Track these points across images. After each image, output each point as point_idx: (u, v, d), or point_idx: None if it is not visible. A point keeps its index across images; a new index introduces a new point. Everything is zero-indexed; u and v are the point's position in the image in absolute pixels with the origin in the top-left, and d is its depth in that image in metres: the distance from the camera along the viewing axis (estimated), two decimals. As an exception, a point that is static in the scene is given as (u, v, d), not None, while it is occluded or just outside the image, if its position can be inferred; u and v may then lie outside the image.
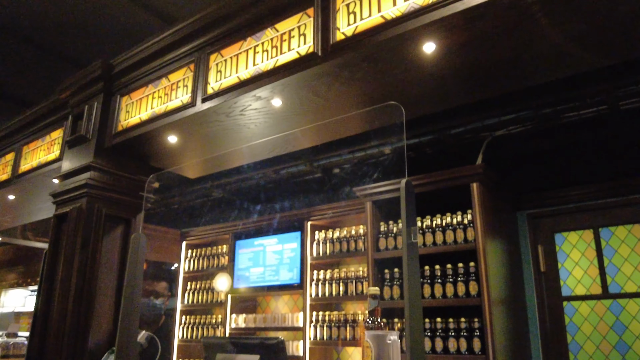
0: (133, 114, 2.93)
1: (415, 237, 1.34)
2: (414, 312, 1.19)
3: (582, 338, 3.77)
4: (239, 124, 2.70)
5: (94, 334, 2.60)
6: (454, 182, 3.61)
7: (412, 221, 1.35)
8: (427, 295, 3.58)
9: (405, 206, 1.34)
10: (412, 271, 1.25)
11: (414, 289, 1.22)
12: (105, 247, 2.76)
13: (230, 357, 2.12)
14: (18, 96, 4.77)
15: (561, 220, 3.99)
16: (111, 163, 2.96)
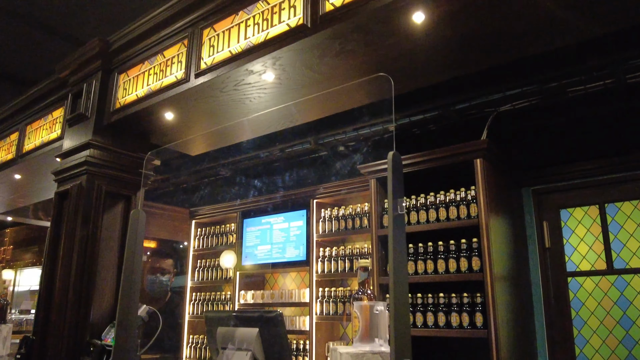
0: (130, 91, 2.95)
1: (401, 210, 1.34)
2: (399, 284, 1.21)
3: (586, 313, 3.78)
4: (234, 99, 2.70)
5: (96, 308, 2.67)
6: (457, 159, 3.59)
7: (398, 193, 1.35)
8: (430, 271, 3.61)
9: (392, 178, 1.35)
10: (397, 243, 1.26)
11: (400, 261, 1.24)
12: (106, 223, 2.81)
13: (231, 330, 2.17)
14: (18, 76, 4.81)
15: (567, 196, 3.97)
16: (111, 140, 2.99)
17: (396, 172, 1.34)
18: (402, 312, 1.18)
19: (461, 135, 3.79)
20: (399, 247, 1.25)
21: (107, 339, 2.46)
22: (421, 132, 4.27)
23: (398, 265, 1.23)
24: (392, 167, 1.34)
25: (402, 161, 1.43)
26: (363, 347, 1.32)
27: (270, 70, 2.43)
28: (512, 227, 3.84)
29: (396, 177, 1.34)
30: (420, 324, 3.56)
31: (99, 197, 2.78)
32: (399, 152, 1.40)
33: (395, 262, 1.23)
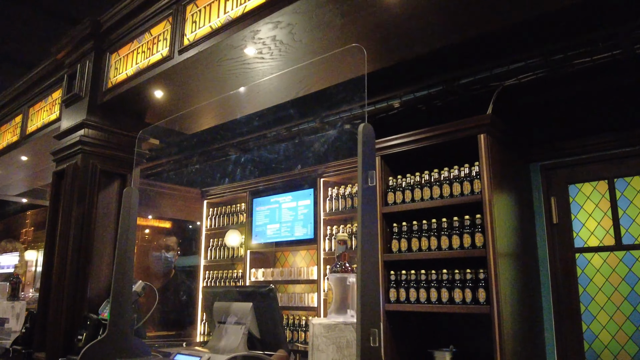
0: (121, 70, 2.98)
1: (372, 182, 1.34)
2: (367, 255, 1.21)
3: (593, 289, 3.74)
4: (219, 75, 2.69)
5: (93, 285, 2.76)
6: (461, 134, 3.55)
7: (369, 165, 1.35)
8: (434, 248, 3.61)
9: (362, 149, 1.34)
10: (367, 215, 1.26)
11: (368, 233, 1.24)
12: (101, 202, 2.88)
13: (227, 305, 2.22)
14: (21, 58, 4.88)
15: (575, 171, 3.89)
16: (105, 120, 3.04)
17: (367, 145, 1.34)
18: (369, 283, 1.19)
19: (468, 111, 3.72)
20: (368, 219, 1.26)
21: (104, 313, 2.55)
22: (427, 108, 4.22)
23: (367, 237, 1.24)
24: (361, 138, 1.33)
25: (374, 134, 1.43)
26: (336, 318, 1.34)
27: (250, 44, 2.42)
28: (519, 203, 3.80)
29: (367, 149, 1.34)
30: (424, 299, 3.58)
31: (94, 176, 2.84)
32: (371, 125, 1.40)
33: (364, 233, 1.24)
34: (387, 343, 3.69)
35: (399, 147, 3.91)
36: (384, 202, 3.96)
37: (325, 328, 1.29)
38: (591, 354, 3.67)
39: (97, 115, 3.03)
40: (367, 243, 1.24)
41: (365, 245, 1.23)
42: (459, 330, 3.91)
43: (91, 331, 2.45)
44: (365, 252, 1.22)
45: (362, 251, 1.22)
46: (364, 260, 1.22)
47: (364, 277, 1.20)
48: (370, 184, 1.32)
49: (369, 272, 1.21)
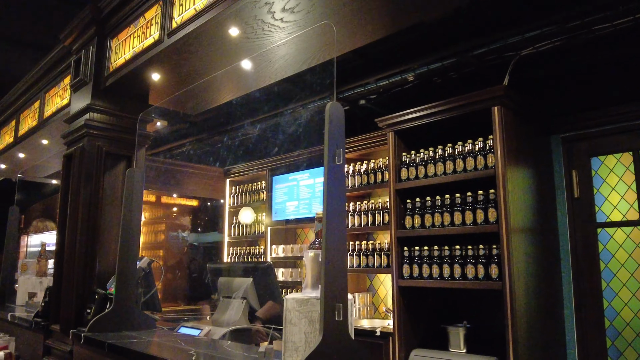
0: (120, 54, 3.03)
1: (339, 160, 1.33)
2: (332, 231, 1.21)
3: (615, 265, 3.62)
4: (209, 57, 2.68)
5: (102, 261, 2.88)
6: (474, 107, 3.45)
7: (337, 143, 1.33)
8: (447, 223, 3.56)
9: (329, 128, 1.33)
10: (333, 193, 1.25)
11: (334, 210, 1.23)
12: (108, 182, 2.97)
13: (229, 280, 2.28)
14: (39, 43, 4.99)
15: (598, 143, 3.74)
16: (109, 104, 3.11)
17: (335, 124, 1.32)
18: (334, 259, 1.19)
19: (484, 83, 3.60)
20: (334, 197, 1.25)
21: (111, 288, 2.65)
22: (442, 81, 4.11)
23: (332, 213, 1.23)
24: (329, 118, 1.32)
25: (343, 112, 1.40)
26: (310, 293, 1.35)
27: (233, 25, 2.40)
28: (538, 178, 3.69)
29: (334, 128, 1.32)
30: (437, 275, 3.56)
31: (100, 158, 2.94)
32: (339, 103, 1.37)
33: (330, 211, 1.23)
34: (400, 318, 3.70)
35: (411, 122, 3.84)
36: (397, 178, 3.92)
37: (298, 302, 1.31)
38: (612, 331, 3.57)
39: (101, 99, 3.11)
40: (333, 220, 1.23)
41: (331, 222, 1.23)
42: (473, 306, 3.88)
43: (99, 305, 2.57)
44: (330, 229, 1.22)
45: (327, 228, 1.22)
46: (329, 236, 1.22)
47: (329, 253, 1.20)
48: (337, 163, 1.31)
49: (333, 248, 1.20)
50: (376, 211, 4.52)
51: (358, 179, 4.70)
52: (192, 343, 1.98)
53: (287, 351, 1.26)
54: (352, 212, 4.69)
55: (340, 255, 1.23)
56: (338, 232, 1.24)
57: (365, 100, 4.58)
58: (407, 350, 3.65)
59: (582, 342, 3.64)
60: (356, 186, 4.70)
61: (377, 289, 4.88)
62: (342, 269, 1.21)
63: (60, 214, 3.09)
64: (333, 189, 1.28)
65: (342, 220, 1.30)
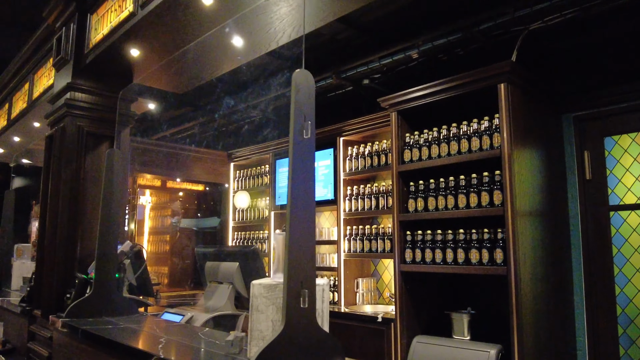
0: (99, 30, 2.92)
1: (307, 134, 1.21)
2: (297, 212, 1.10)
3: (629, 250, 3.46)
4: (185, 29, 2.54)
5: (84, 245, 2.80)
6: (480, 84, 3.28)
7: (305, 115, 1.21)
8: (451, 207, 3.43)
9: (295, 98, 1.20)
10: (298, 170, 1.14)
11: (301, 189, 1.12)
12: (90, 164, 2.88)
13: (216, 265, 2.19)
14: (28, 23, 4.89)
15: (611, 122, 3.55)
16: (91, 82, 3.01)
17: (302, 93, 1.20)
18: (299, 241, 1.08)
19: (492, 61, 3.43)
20: (301, 174, 1.14)
21: (92, 272, 2.59)
22: (448, 59, 3.94)
23: (298, 192, 1.12)
24: (295, 87, 1.19)
25: (313, 82, 1.27)
26: (279, 278, 1.25)
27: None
28: (548, 158, 3.52)
29: (302, 98, 1.20)
30: (440, 260, 3.44)
31: (81, 139, 2.84)
32: (308, 71, 1.25)
33: (295, 189, 1.12)
34: (402, 304, 3.59)
35: (415, 101, 3.69)
36: (400, 160, 3.78)
37: (265, 288, 1.21)
38: (624, 318, 3.43)
39: (83, 77, 3.01)
40: (299, 199, 1.12)
41: (296, 202, 1.11)
42: (478, 292, 3.76)
43: (79, 290, 2.51)
44: (296, 209, 1.11)
45: (292, 207, 1.11)
46: (294, 216, 1.11)
47: (294, 234, 1.09)
48: (305, 137, 1.19)
49: (300, 228, 1.09)
50: (380, 195, 4.39)
51: (362, 161, 4.57)
52: (167, 330, 1.90)
53: (253, 340, 1.17)
54: (356, 195, 4.58)
55: (307, 237, 1.12)
56: (305, 212, 1.13)
57: (369, 80, 4.43)
58: (410, 337, 3.55)
59: (592, 329, 3.50)
60: (359, 169, 4.58)
61: (381, 274, 4.78)
62: (308, 251, 1.10)
63: (42, 197, 3.02)
64: (299, 166, 1.17)
65: (310, 200, 1.19)
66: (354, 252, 4.52)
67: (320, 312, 1.19)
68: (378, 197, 4.39)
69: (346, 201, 4.65)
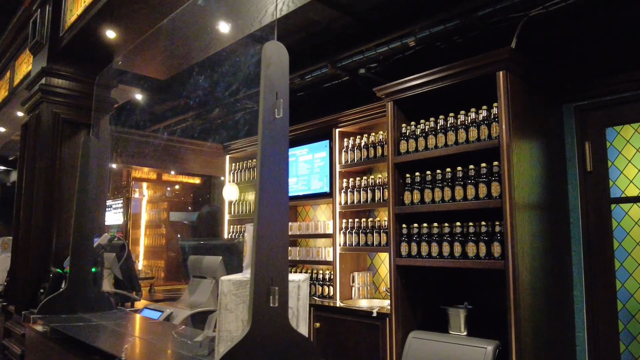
0: (74, 11, 2.80)
1: (279, 113, 1.11)
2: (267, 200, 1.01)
3: (630, 244, 3.36)
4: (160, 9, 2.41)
5: (60, 238, 2.71)
6: (478, 72, 3.17)
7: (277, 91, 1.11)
8: (448, 199, 3.33)
9: (265, 72, 1.10)
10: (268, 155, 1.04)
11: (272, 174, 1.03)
12: (67, 153, 2.77)
13: (199, 258, 2.10)
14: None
15: (614, 112, 3.44)
16: (68, 67, 2.89)
17: (275, 67, 1.10)
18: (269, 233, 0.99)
19: (490, 48, 3.32)
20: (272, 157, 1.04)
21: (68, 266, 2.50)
22: (446, 47, 3.82)
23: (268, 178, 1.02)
24: (266, 61, 1.09)
25: (287, 55, 1.17)
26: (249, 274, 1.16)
27: None
28: (547, 149, 3.42)
29: (273, 72, 1.10)
30: (436, 254, 3.35)
31: (57, 126, 2.73)
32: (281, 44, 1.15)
33: (264, 176, 1.03)
34: (398, 299, 3.51)
35: (412, 90, 3.58)
36: (396, 151, 3.68)
37: (235, 285, 1.12)
38: (625, 314, 3.33)
39: (58, 62, 2.89)
40: (269, 186, 1.03)
41: (266, 189, 1.02)
42: (475, 286, 3.67)
43: (53, 284, 2.42)
44: (265, 197, 1.01)
45: (261, 196, 1.02)
46: (263, 206, 1.01)
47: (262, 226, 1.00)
48: (277, 116, 1.09)
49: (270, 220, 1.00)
50: (376, 187, 4.30)
51: (358, 153, 4.47)
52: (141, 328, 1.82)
53: (222, 341, 1.08)
54: (352, 188, 4.48)
55: (279, 229, 1.02)
56: (276, 201, 1.04)
57: (365, 70, 4.32)
58: (405, 332, 3.47)
59: (592, 325, 3.42)
60: (355, 161, 4.48)
61: (377, 268, 4.70)
62: (280, 245, 1.01)
63: (17, 188, 2.92)
64: (269, 148, 1.07)
65: (282, 188, 1.09)
66: (349, 246, 4.43)
67: (295, 311, 1.10)
68: (374, 189, 4.30)
69: (342, 194, 4.55)
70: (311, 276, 4.80)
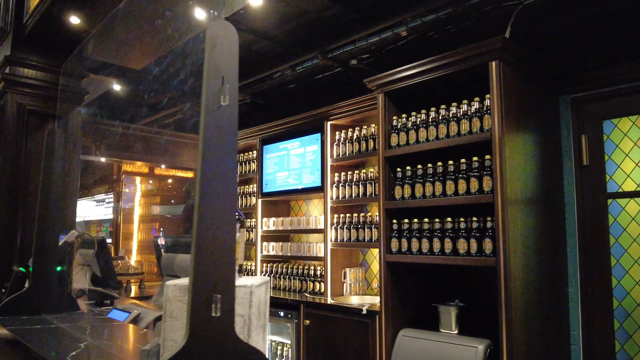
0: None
1: (225, 100, 1.01)
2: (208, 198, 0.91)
3: (627, 240, 3.26)
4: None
5: (26, 234, 2.60)
6: (470, 62, 3.06)
7: (224, 75, 1.01)
8: (439, 194, 3.23)
9: (209, 54, 1.00)
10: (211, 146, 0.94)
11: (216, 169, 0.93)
12: (34, 145, 2.65)
13: (172, 256, 2.00)
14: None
15: (611, 104, 3.33)
16: (34, 55, 2.77)
17: (221, 48, 1.00)
18: (211, 234, 0.90)
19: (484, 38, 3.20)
20: (215, 149, 0.94)
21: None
22: (439, 37, 3.71)
23: (210, 171, 0.93)
24: (211, 41, 0.99)
25: (236, 36, 1.06)
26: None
27: None
28: (542, 143, 3.31)
29: (220, 55, 1.00)
30: (427, 250, 3.25)
31: (23, 118, 2.62)
32: (230, 24, 1.04)
33: (206, 167, 0.93)
34: (387, 296, 3.42)
35: (403, 82, 3.47)
36: (387, 144, 3.58)
37: (181, 291, 1.02)
38: (620, 312, 3.25)
39: (24, 50, 2.77)
40: (211, 180, 0.93)
41: (207, 184, 0.92)
42: (467, 283, 3.58)
43: (15, 284, 2.33)
44: (207, 193, 0.92)
45: (202, 192, 0.92)
46: (204, 202, 0.92)
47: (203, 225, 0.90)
48: (222, 103, 1.00)
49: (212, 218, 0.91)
50: (368, 181, 4.19)
51: (350, 147, 4.36)
52: (99, 332, 1.73)
53: (166, 351, 0.98)
54: (344, 182, 4.38)
55: (224, 230, 0.93)
56: (221, 199, 0.94)
57: (357, 60, 4.20)
58: (395, 330, 3.38)
59: (587, 323, 3.33)
60: (347, 155, 4.37)
61: (370, 264, 4.60)
62: (226, 247, 0.91)
63: None
64: (213, 139, 0.97)
65: (228, 184, 0.99)
66: (340, 242, 4.33)
67: (247, 319, 1.00)
68: (366, 184, 4.20)
69: (334, 188, 4.45)
70: (303, 272, 4.71)
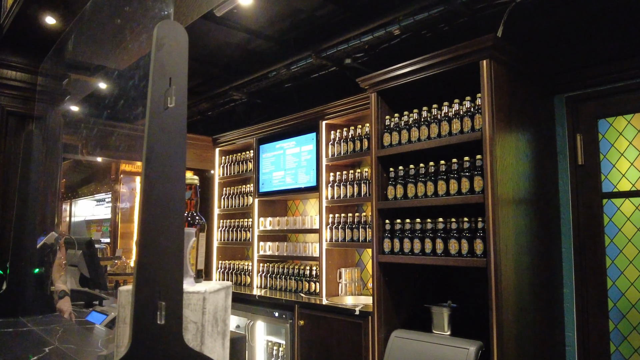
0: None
1: (172, 101, 0.99)
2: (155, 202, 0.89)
3: (622, 241, 3.22)
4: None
5: (5, 236, 2.60)
6: (462, 61, 3.03)
7: (172, 77, 0.99)
8: (430, 194, 3.20)
9: (156, 55, 0.98)
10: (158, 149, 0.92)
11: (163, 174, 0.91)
12: (13, 147, 2.65)
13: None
14: None
15: (607, 103, 3.28)
16: (14, 56, 2.76)
17: (168, 49, 0.97)
18: (157, 239, 0.88)
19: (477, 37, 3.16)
20: (160, 152, 0.92)
21: None
22: (432, 35, 3.67)
23: (155, 173, 0.91)
24: (157, 42, 0.97)
25: (186, 37, 1.04)
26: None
27: None
28: (536, 142, 3.27)
29: (168, 55, 0.98)
30: (419, 250, 3.22)
31: (1, 119, 2.61)
32: (180, 24, 1.02)
33: (150, 169, 0.91)
34: (380, 297, 3.40)
35: (396, 81, 3.44)
36: (379, 144, 3.55)
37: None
38: (616, 313, 3.20)
39: (2, 51, 2.76)
40: (156, 184, 0.91)
41: (152, 187, 0.90)
42: (461, 284, 3.55)
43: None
44: (152, 195, 0.90)
45: (146, 194, 0.90)
46: (149, 205, 0.90)
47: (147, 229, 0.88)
48: (169, 105, 0.97)
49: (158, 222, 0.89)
50: (363, 181, 4.17)
51: (345, 146, 4.34)
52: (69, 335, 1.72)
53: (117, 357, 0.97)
54: (339, 182, 4.36)
55: (171, 234, 0.90)
56: (167, 202, 0.92)
57: (351, 60, 4.17)
58: (388, 331, 3.36)
59: (582, 324, 3.29)
60: (342, 154, 4.35)
61: (365, 264, 4.58)
62: (173, 252, 0.89)
63: None
64: (158, 142, 0.95)
65: (176, 187, 0.97)
66: (335, 242, 4.31)
67: (199, 327, 0.98)
68: (361, 183, 4.17)
69: (329, 188, 4.43)
70: (299, 272, 4.70)
